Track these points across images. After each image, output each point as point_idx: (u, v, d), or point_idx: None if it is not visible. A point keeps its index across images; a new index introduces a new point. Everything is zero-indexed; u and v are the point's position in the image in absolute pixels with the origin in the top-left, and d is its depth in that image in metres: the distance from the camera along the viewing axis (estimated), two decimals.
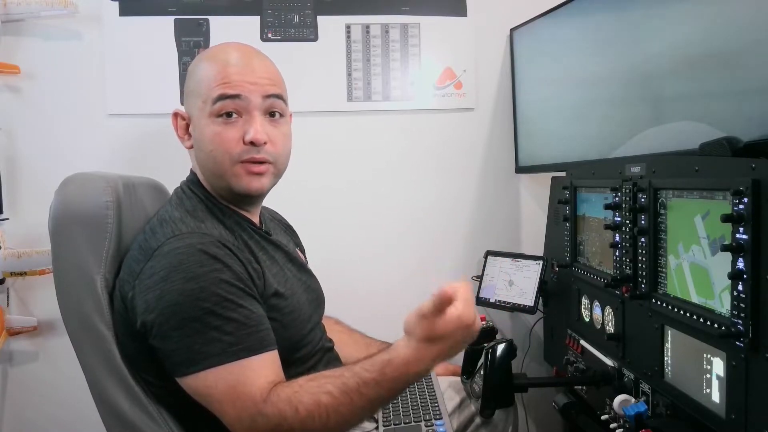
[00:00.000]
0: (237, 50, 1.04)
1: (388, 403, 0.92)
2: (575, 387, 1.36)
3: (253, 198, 1.05)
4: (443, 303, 0.83)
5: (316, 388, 0.87)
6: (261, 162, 1.00)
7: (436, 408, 1.17)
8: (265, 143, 0.99)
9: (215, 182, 1.03)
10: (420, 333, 0.85)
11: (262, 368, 0.89)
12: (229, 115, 0.98)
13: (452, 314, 0.84)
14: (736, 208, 0.82)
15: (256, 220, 1.11)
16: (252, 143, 0.98)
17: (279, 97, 1.03)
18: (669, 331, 1.00)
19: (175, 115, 1.07)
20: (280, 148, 1.03)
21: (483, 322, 1.42)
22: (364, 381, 0.87)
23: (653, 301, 1.04)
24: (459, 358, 1.42)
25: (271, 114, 1.03)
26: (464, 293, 0.86)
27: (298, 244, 1.29)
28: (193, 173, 1.08)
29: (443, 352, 0.87)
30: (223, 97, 0.98)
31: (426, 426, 1.10)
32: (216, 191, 1.05)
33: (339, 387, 0.87)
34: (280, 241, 1.13)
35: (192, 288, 0.87)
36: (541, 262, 1.54)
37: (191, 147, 1.05)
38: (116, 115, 1.65)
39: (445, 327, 0.84)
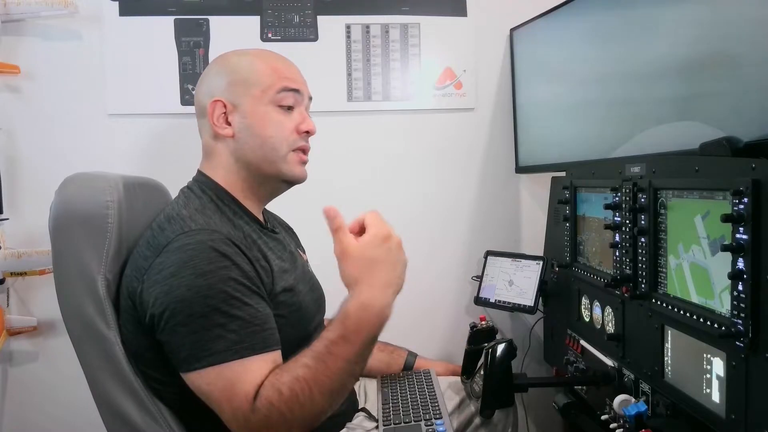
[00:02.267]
0: (279, 54, 1.12)
1: (365, 358, 0.92)
2: (575, 387, 1.36)
3: (294, 184, 1.11)
4: (335, 223, 0.92)
5: (292, 365, 0.89)
6: (307, 152, 1.11)
7: (436, 407, 1.17)
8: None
9: (263, 167, 1.06)
10: (351, 266, 0.91)
11: (262, 368, 0.89)
12: (289, 108, 1.07)
13: (365, 234, 0.93)
14: (736, 208, 0.82)
15: (261, 218, 1.12)
16: (307, 132, 1.08)
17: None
18: (669, 331, 1.00)
19: (217, 102, 1.05)
20: None
21: (483, 322, 1.42)
22: (331, 341, 0.89)
23: (653, 301, 1.04)
24: (459, 358, 1.42)
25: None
26: (369, 218, 0.95)
27: (299, 245, 1.29)
28: (202, 174, 1.08)
29: (384, 276, 0.91)
30: (286, 89, 1.06)
31: (426, 425, 1.11)
32: (252, 178, 1.07)
33: (311, 356, 0.88)
34: (285, 239, 1.14)
35: (200, 284, 0.88)
36: (541, 262, 1.54)
37: (231, 135, 1.05)
38: (116, 115, 1.66)
39: (366, 243, 0.92)
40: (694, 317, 0.92)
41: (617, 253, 1.16)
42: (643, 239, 1.07)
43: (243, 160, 1.06)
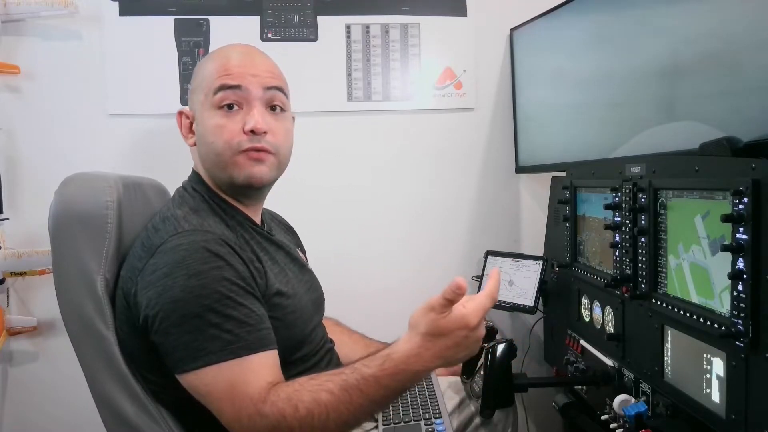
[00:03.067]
0: (239, 47, 1.07)
1: (387, 405, 0.90)
2: (575, 387, 1.36)
3: (254, 188, 1.04)
4: (454, 297, 0.82)
5: (316, 387, 0.86)
6: (261, 151, 1.01)
7: (436, 407, 1.17)
8: (265, 132, 1.00)
9: (217, 175, 1.03)
10: (423, 326, 0.84)
11: (262, 367, 0.89)
12: (230, 107, 1.00)
13: (458, 311, 0.84)
14: (736, 208, 0.82)
15: (257, 219, 1.11)
16: (252, 132, 0.99)
17: (279, 89, 1.04)
18: (669, 331, 1.00)
19: (180, 113, 1.08)
20: (281, 140, 1.04)
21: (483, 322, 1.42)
22: (363, 377, 0.85)
23: (653, 301, 1.04)
24: None
25: (272, 107, 1.04)
26: (480, 300, 0.87)
27: (299, 245, 1.29)
28: (194, 172, 1.08)
29: (444, 351, 0.85)
30: (223, 88, 0.99)
31: (426, 425, 1.10)
32: (218, 186, 1.05)
33: (339, 384, 0.86)
34: (281, 241, 1.13)
35: (194, 285, 0.88)
36: (541, 262, 1.54)
37: (194, 144, 1.06)
38: (116, 115, 1.66)
39: (447, 323, 0.83)
40: (694, 317, 0.92)
41: (617, 253, 1.16)
42: (643, 239, 1.07)
43: (205, 166, 1.05)
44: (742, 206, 0.81)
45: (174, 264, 0.89)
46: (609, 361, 1.20)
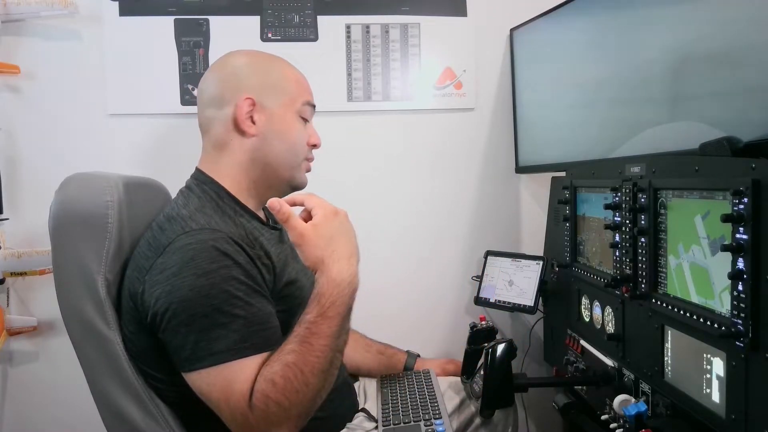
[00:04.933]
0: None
1: (347, 330, 0.95)
2: (575, 387, 1.36)
3: (292, 191, 1.13)
4: (291, 213, 0.93)
5: (278, 354, 0.89)
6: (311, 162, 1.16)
7: (436, 408, 1.17)
8: None
9: (278, 171, 1.09)
10: (311, 251, 0.93)
11: (258, 365, 0.89)
12: (305, 120, 1.12)
13: (315, 216, 0.95)
14: (736, 208, 0.82)
15: (262, 216, 1.13)
16: (314, 146, 1.14)
17: None
18: (669, 331, 1.00)
19: (248, 99, 1.04)
20: None
21: (483, 322, 1.42)
22: (310, 322, 0.90)
23: (653, 301, 1.04)
24: (459, 358, 1.42)
25: None
26: (309, 202, 0.99)
27: None
28: (200, 172, 1.08)
29: (348, 250, 0.96)
30: (310, 104, 1.13)
31: (425, 425, 1.11)
32: (263, 180, 1.08)
33: (295, 341, 0.89)
34: (286, 233, 1.14)
35: (202, 284, 0.88)
36: (541, 262, 1.54)
37: (254, 134, 1.06)
38: (116, 115, 1.65)
39: (319, 227, 0.94)
40: (694, 317, 0.92)
41: (617, 253, 1.16)
42: (643, 239, 1.07)
43: (261, 160, 1.07)
44: (742, 206, 0.81)
45: (183, 263, 0.90)
46: (609, 361, 1.20)
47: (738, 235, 0.82)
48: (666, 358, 1.01)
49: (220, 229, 0.95)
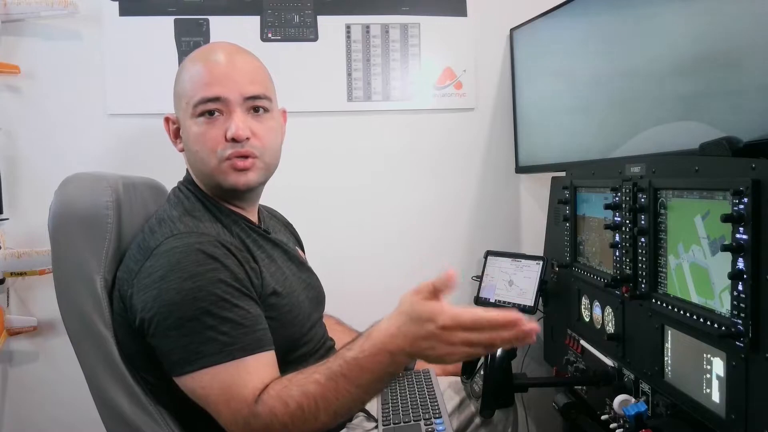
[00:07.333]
0: (218, 51, 1.04)
1: (374, 392, 0.88)
2: (575, 387, 1.36)
3: (242, 193, 1.05)
4: (441, 286, 0.82)
5: (303, 379, 0.86)
6: (246, 156, 1.01)
7: (436, 407, 1.17)
8: (247, 138, 1.00)
9: (206, 181, 1.05)
10: (404, 305, 0.83)
11: (258, 369, 0.89)
12: (210, 113, 1.00)
13: (436, 303, 0.81)
14: (736, 208, 0.82)
15: (254, 218, 1.11)
16: (234, 139, 0.99)
17: (260, 96, 1.03)
18: (669, 331, 1.00)
19: (166, 120, 1.08)
20: (265, 142, 1.03)
21: None
22: (346, 361, 0.84)
23: (653, 301, 1.04)
24: None
25: (255, 109, 1.03)
26: (463, 311, 0.81)
27: (298, 242, 1.29)
28: (188, 173, 1.09)
29: (416, 340, 0.80)
30: (203, 101, 0.99)
31: (426, 425, 1.10)
32: (209, 190, 1.06)
33: (325, 373, 0.85)
34: (279, 239, 1.13)
35: (189, 287, 0.88)
36: (541, 262, 1.54)
37: (182, 150, 1.07)
38: (116, 115, 1.65)
39: (423, 308, 0.80)
40: (694, 317, 0.92)
41: (617, 253, 1.16)
42: (643, 239, 1.07)
43: (194, 172, 1.06)
44: (742, 206, 0.81)
45: (169, 267, 0.89)
46: (609, 361, 1.20)
47: (738, 235, 0.82)
48: (666, 358, 1.00)
49: (207, 233, 0.95)
